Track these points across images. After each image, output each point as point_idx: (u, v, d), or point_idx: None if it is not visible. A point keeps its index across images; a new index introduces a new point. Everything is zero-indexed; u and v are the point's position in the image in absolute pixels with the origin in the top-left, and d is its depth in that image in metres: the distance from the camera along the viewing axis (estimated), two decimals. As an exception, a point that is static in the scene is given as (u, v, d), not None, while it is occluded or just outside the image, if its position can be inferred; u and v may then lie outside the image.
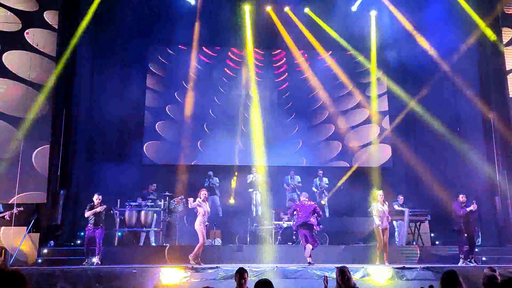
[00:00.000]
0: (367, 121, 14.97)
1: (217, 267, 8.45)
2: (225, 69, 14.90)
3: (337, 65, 15.02)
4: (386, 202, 9.62)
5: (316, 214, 9.42)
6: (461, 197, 9.89)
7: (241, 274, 5.30)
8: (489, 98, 11.97)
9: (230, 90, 14.75)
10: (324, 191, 13.06)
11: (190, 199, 9.20)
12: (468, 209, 9.67)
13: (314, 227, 9.35)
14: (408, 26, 13.56)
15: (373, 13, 14.25)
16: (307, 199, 9.60)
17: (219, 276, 8.02)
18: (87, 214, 9.24)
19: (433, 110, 13.31)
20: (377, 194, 9.61)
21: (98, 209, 9.25)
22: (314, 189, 13.04)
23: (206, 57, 14.86)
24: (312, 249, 9.14)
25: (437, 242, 11.85)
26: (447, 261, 9.70)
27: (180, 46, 14.78)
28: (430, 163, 13.12)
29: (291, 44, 14.58)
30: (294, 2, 14.08)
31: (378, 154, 14.69)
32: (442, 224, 11.82)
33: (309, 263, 8.88)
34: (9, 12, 10.71)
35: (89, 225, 9.21)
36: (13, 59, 10.57)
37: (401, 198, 11.55)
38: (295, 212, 9.55)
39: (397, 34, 13.92)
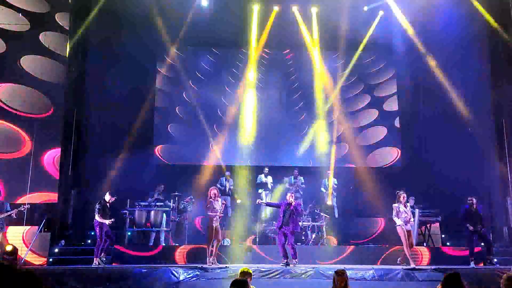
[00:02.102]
0: (377, 121, 14.88)
1: (226, 267, 8.49)
2: (233, 69, 14.92)
3: (347, 65, 14.98)
4: (408, 203, 9.34)
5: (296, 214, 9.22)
6: (469, 200, 9.80)
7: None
8: (502, 98, 11.83)
9: (238, 91, 14.77)
10: (333, 191, 13.01)
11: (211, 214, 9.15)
12: (470, 228, 9.51)
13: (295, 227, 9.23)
14: (417, 25, 13.53)
15: (381, 13, 14.17)
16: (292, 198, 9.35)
17: (228, 276, 8.02)
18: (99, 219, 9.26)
19: (443, 109, 13.20)
20: (399, 195, 9.11)
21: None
22: (322, 189, 13.00)
23: (214, 57, 14.88)
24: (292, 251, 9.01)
25: (448, 243, 11.74)
26: (458, 263, 9.61)
27: (188, 47, 14.84)
28: (441, 164, 13.00)
29: (301, 43, 14.56)
30: (302, 2, 14.04)
31: (387, 154, 14.61)
32: (453, 225, 11.71)
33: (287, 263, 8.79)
34: (20, 13, 10.82)
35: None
36: (24, 60, 10.67)
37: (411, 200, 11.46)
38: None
39: (407, 31, 13.85)
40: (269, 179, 13.06)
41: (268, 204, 10.65)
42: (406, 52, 14.24)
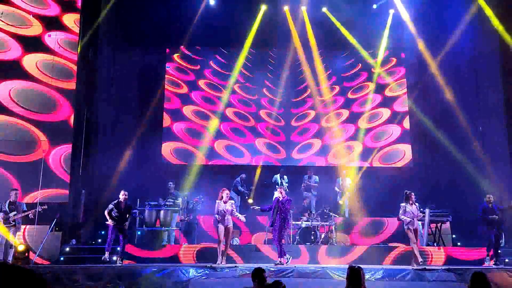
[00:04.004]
0: (388, 121, 14.79)
1: (235, 266, 8.49)
2: (242, 69, 14.93)
3: (357, 65, 14.93)
4: (416, 204, 9.29)
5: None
6: (487, 197, 9.73)
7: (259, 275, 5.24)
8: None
9: (246, 90, 14.79)
10: (346, 191, 12.92)
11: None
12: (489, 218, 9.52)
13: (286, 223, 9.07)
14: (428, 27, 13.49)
15: (391, 11, 14.11)
16: (281, 194, 9.14)
17: (237, 275, 8.03)
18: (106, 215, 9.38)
19: (453, 108, 13.08)
20: (408, 194, 9.07)
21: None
22: (336, 188, 12.93)
23: (223, 57, 14.91)
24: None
25: (458, 244, 11.64)
26: (469, 263, 9.52)
27: (197, 47, 14.89)
28: (453, 164, 12.88)
29: (310, 43, 14.53)
30: (310, 2, 14.01)
31: (398, 154, 14.52)
32: (464, 225, 11.61)
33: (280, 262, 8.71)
34: (30, 15, 10.94)
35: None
36: (36, 61, 10.78)
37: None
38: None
39: (418, 33, 13.76)
40: (285, 179, 13.00)
41: (262, 209, 9.83)
42: (416, 52, 14.16)
